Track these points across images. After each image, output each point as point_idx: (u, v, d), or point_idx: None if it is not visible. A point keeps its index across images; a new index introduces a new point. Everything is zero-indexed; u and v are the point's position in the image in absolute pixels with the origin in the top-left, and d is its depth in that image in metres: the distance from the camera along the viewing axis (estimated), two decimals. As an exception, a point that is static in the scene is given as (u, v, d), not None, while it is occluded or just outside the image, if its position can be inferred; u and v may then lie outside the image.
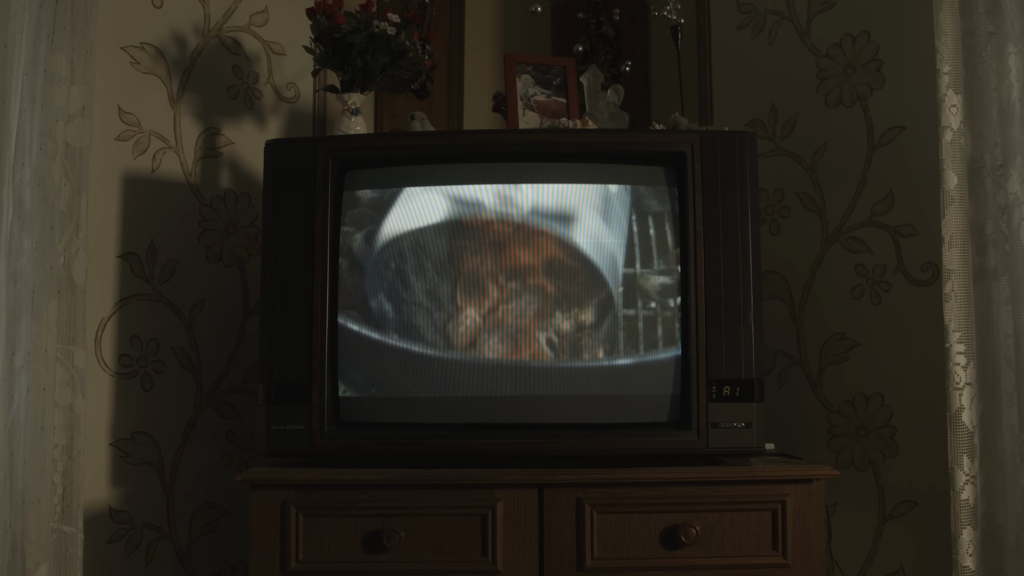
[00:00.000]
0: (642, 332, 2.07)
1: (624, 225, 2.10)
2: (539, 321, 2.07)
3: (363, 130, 2.45)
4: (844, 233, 2.58)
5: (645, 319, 2.08)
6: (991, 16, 2.26)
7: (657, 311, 2.08)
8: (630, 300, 2.08)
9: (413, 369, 2.08)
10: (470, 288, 2.09)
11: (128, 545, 2.39)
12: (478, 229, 2.10)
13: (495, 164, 2.14)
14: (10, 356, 2.04)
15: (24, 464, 2.05)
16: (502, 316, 2.08)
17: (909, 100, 2.50)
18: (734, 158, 2.08)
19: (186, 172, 2.55)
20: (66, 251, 2.14)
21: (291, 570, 1.96)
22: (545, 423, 2.07)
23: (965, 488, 2.19)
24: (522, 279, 2.09)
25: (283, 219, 2.10)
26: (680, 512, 1.97)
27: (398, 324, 2.09)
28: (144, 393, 2.44)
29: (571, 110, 2.55)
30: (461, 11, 3.05)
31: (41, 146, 2.11)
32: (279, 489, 1.97)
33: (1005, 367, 2.23)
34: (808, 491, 1.99)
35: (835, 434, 2.56)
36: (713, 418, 2.02)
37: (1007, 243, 2.23)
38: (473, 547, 1.97)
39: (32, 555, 2.04)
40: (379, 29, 2.38)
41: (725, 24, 2.82)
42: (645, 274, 2.09)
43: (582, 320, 2.07)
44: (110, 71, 2.41)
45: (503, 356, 2.07)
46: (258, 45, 2.69)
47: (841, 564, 2.52)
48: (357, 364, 2.09)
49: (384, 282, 2.11)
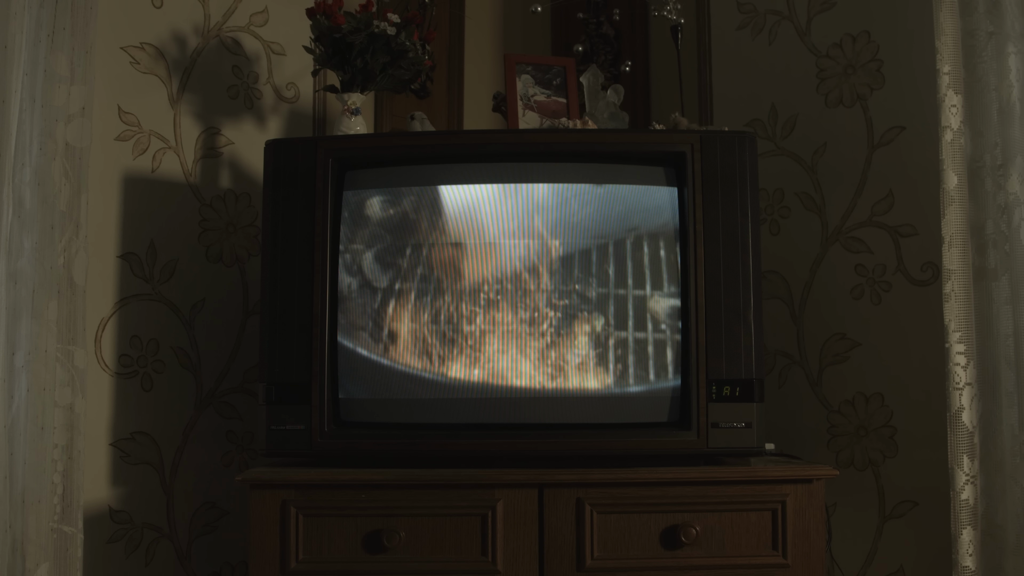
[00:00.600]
0: (642, 331, 2.07)
1: (624, 225, 2.10)
2: (539, 321, 2.07)
3: (363, 130, 2.45)
4: (844, 233, 2.58)
5: (645, 318, 2.07)
6: (991, 16, 2.26)
7: (657, 311, 2.08)
8: (630, 299, 2.08)
9: (413, 369, 2.08)
10: (470, 288, 2.09)
11: (128, 545, 2.39)
12: (478, 229, 2.10)
13: (495, 164, 2.14)
14: (10, 356, 2.04)
15: (24, 464, 2.05)
16: (502, 316, 2.08)
17: (909, 100, 2.50)
18: (734, 158, 2.08)
19: (186, 172, 2.55)
20: (66, 251, 2.14)
21: (291, 570, 1.96)
22: (545, 423, 2.07)
23: (965, 488, 2.19)
24: (522, 279, 2.08)
25: (283, 219, 2.10)
26: (680, 512, 1.97)
27: (398, 324, 2.09)
28: (144, 393, 2.44)
29: (571, 110, 2.55)
30: (461, 11, 3.05)
31: (41, 146, 2.11)
32: (279, 489, 1.97)
33: (1005, 367, 2.23)
34: (808, 491, 1.99)
35: (835, 434, 2.56)
36: (713, 418, 2.02)
37: (1007, 243, 2.23)
38: (473, 547, 1.97)
39: (32, 555, 2.04)
40: (379, 29, 2.38)
41: (725, 24, 2.82)
42: (645, 274, 2.08)
43: (582, 319, 2.07)
44: (110, 71, 2.41)
45: (503, 356, 2.07)
46: (258, 45, 2.69)
47: (841, 564, 2.52)
48: (357, 364, 2.09)
49: (384, 282, 2.11)
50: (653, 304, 2.08)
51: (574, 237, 2.09)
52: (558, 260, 2.09)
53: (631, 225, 2.10)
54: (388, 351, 2.09)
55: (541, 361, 2.07)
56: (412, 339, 2.09)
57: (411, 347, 2.09)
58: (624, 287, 2.08)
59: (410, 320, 2.09)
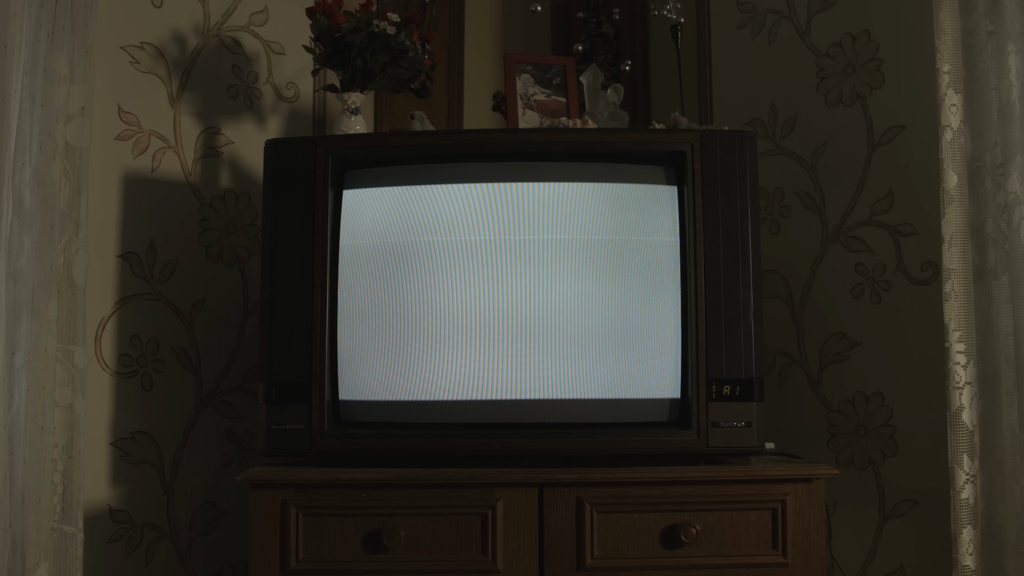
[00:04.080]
0: (642, 331, 2.07)
1: (624, 224, 2.10)
2: (539, 320, 2.07)
3: (363, 130, 2.45)
4: (844, 232, 2.58)
5: (645, 318, 2.07)
6: (991, 15, 2.26)
7: (657, 310, 2.08)
8: (630, 299, 2.08)
9: (413, 369, 2.08)
10: (470, 287, 2.09)
11: (128, 545, 2.39)
12: (478, 228, 2.10)
13: (495, 163, 2.13)
14: (10, 356, 2.04)
15: (24, 464, 2.05)
16: (502, 314, 2.08)
17: (909, 99, 2.50)
18: (734, 157, 2.08)
19: (186, 172, 2.55)
20: (66, 251, 2.14)
21: (291, 569, 1.96)
22: (545, 423, 2.07)
23: (965, 487, 2.19)
24: (522, 278, 2.08)
25: (283, 219, 2.10)
26: (680, 511, 1.97)
27: (398, 323, 2.09)
28: (144, 393, 2.44)
29: (571, 109, 2.55)
30: (461, 10, 3.05)
31: (41, 146, 2.11)
32: (279, 488, 1.97)
33: (1005, 366, 2.23)
34: (808, 490, 1.99)
35: (835, 433, 2.56)
36: (713, 417, 2.02)
37: (1007, 242, 2.23)
38: (473, 547, 1.97)
39: (32, 555, 2.04)
40: (379, 28, 2.38)
41: (725, 23, 2.82)
42: (645, 273, 2.08)
43: (582, 319, 2.07)
44: (110, 71, 2.41)
45: (503, 355, 2.07)
46: (258, 45, 2.69)
47: (841, 563, 2.52)
48: (357, 363, 2.09)
49: (384, 282, 2.11)
50: (653, 303, 2.08)
51: (574, 236, 2.09)
52: (558, 259, 2.09)
53: (631, 224, 2.10)
54: (388, 350, 2.09)
55: (541, 360, 2.07)
56: (412, 338, 2.09)
57: (411, 346, 2.09)
58: (624, 286, 2.08)
59: (410, 319, 2.09)
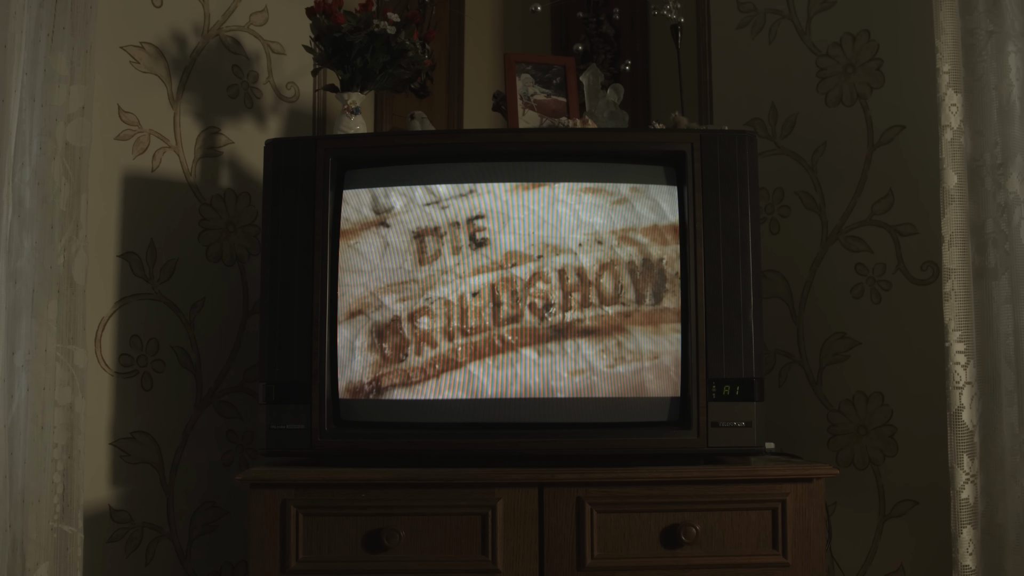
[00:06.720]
0: (642, 331, 2.07)
1: (624, 224, 2.10)
2: (539, 320, 2.07)
3: (363, 129, 2.45)
4: (844, 232, 2.58)
5: (645, 318, 2.07)
6: (991, 15, 2.26)
7: (657, 310, 2.08)
8: (629, 299, 2.08)
9: (413, 368, 2.08)
10: (471, 286, 2.09)
11: (128, 545, 2.39)
12: (478, 228, 2.10)
13: (495, 163, 2.14)
14: (10, 355, 2.04)
15: (24, 464, 2.05)
16: (502, 314, 2.08)
17: (909, 99, 2.50)
18: (734, 157, 2.08)
19: (186, 171, 2.55)
20: (66, 250, 2.14)
21: (291, 569, 1.96)
22: (545, 422, 2.07)
23: (965, 487, 2.19)
24: (522, 278, 2.08)
25: (283, 218, 2.10)
26: (680, 511, 1.97)
27: (398, 323, 2.09)
28: (144, 392, 2.44)
29: (571, 109, 2.55)
30: (461, 10, 3.05)
31: (41, 146, 2.11)
32: (279, 488, 1.97)
33: (1005, 366, 2.23)
34: (808, 490, 1.99)
35: (835, 433, 2.56)
36: (713, 417, 2.02)
37: (1007, 242, 2.23)
38: (473, 546, 1.97)
39: (32, 554, 2.04)
40: (379, 28, 2.38)
41: (725, 23, 2.82)
42: (645, 273, 2.09)
43: (582, 318, 2.07)
44: (110, 71, 2.41)
45: (503, 354, 2.07)
46: (258, 44, 2.69)
47: (841, 563, 2.52)
48: (357, 363, 2.09)
49: (384, 281, 2.11)
50: (653, 302, 2.08)
51: (574, 236, 2.09)
52: (558, 259, 2.09)
53: (631, 224, 2.10)
54: (388, 350, 2.09)
55: (541, 360, 2.07)
56: (412, 337, 2.09)
57: (411, 345, 2.09)
58: (624, 285, 2.08)
59: (411, 319, 2.09)
